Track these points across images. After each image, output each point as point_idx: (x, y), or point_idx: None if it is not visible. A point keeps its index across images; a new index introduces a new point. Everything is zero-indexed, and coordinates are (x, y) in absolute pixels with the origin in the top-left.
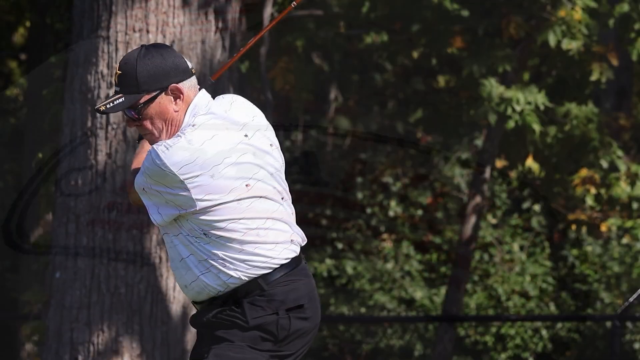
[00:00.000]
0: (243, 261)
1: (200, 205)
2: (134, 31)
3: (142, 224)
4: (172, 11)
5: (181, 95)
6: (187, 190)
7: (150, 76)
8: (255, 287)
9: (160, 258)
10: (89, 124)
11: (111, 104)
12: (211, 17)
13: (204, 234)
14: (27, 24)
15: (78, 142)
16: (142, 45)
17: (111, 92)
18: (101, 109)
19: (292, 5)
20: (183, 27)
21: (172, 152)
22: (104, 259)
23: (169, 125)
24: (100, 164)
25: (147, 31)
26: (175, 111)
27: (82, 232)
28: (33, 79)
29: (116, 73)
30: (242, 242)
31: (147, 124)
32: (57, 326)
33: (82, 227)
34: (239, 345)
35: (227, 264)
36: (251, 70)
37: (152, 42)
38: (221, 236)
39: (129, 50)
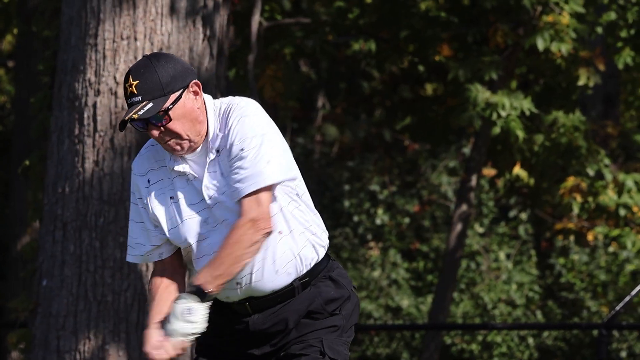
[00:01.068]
0: (320, 227)
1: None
2: (122, 39)
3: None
4: (160, 19)
5: (199, 92)
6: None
7: (172, 77)
8: (328, 262)
9: (147, 266)
10: (77, 131)
11: (141, 111)
12: (199, 24)
13: (297, 194)
14: (15, 31)
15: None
16: (145, 56)
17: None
18: (134, 117)
19: None
20: (171, 35)
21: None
22: (91, 266)
23: (196, 123)
24: (87, 172)
25: (135, 39)
26: (198, 108)
27: (69, 239)
28: (20, 86)
29: (131, 85)
30: (311, 208)
31: (176, 125)
32: (43, 334)
33: (69, 234)
34: (344, 336)
35: (317, 230)
36: (239, 77)
37: (139, 49)
38: (305, 200)
39: (117, 58)
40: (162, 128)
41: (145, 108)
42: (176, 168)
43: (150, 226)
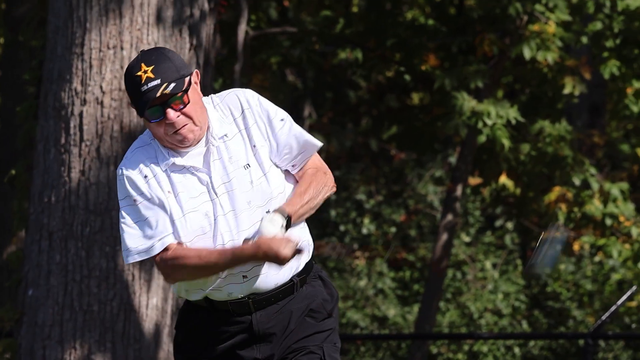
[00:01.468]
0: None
1: None
2: (108, 48)
3: (115, 240)
4: (147, 28)
5: (198, 82)
6: None
7: (181, 62)
8: (313, 262)
9: (133, 275)
10: (63, 140)
11: (169, 89)
12: (185, 34)
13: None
14: (1, 40)
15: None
16: (145, 50)
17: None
18: (158, 94)
19: None
20: (157, 44)
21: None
22: (77, 276)
23: (203, 110)
24: (73, 181)
25: (122, 48)
26: (200, 97)
27: (55, 249)
28: (6, 96)
29: (145, 71)
30: None
31: (191, 109)
32: (29, 344)
33: (55, 244)
34: (337, 342)
35: (307, 228)
36: (225, 87)
37: (126, 59)
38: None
39: (103, 68)
40: (181, 111)
41: (170, 87)
42: (178, 162)
43: (161, 212)
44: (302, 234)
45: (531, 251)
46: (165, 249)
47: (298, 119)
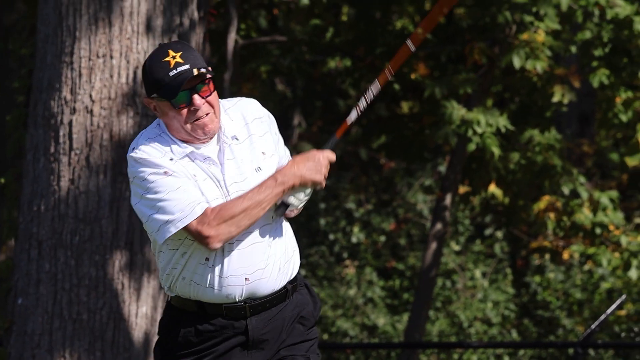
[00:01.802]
0: None
1: None
2: (98, 57)
3: (104, 249)
4: (136, 37)
5: None
6: None
7: (201, 54)
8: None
9: (123, 284)
10: (52, 149)
11: (199, 73)
12: None
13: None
14: None
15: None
16: (161, 43)
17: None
18: (189, 78)
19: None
20: (147, 53)
21: None
22: (66, 285)
23: (219, 105)
24: (62, 190)
25: (111, 57)
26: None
27: (45, 257)
28: None
29: (174, 57)
30: None
31: (214, 99)
32: (19, 352)
33: (45, 253)
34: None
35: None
36: None
37: (115, 68)
38: None
39: (93, 76)
40: (206, 99)
41: (200, 72)
42: (197, 151)
43: (191, 182)
44: (289, 244)
45: (521, 260)
46: (204, 213)
47: (288, 127)
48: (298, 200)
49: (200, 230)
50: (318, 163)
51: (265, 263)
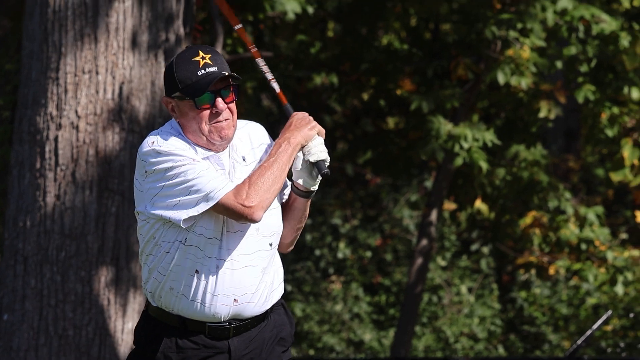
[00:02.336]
0: None
1: None
2: (83, 72)
3: (90, 264)
4: (122, 53)
5: None
6: None
7: None
8: None
9: (109, 300)
10: (38, 165)
11: (231, 74)
12: (161, 58)
13: None
14: None
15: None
16: (188, 46)
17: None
18: (216, 80)
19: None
20: (133, 69)
21: None
22: (52, 300)
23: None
24: (48, 206)
25: (97, 72)
26: None
27: (30, 273)
28: None
29: (203, 57)
30: None
31: (235, 107)
32: None
33: (30, 268)
34: None
35: None
36: None
37: (101, 83)
38: None
39: (78, 92)
40: (228, 105)
41: (231, 74)
42: (221, 154)
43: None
44: (278, 274)
45: (507, 275)
46: (237, 187)
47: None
48: (320, 152)
49: (241, 202)
50: (301, 119)
51: (256, 288)
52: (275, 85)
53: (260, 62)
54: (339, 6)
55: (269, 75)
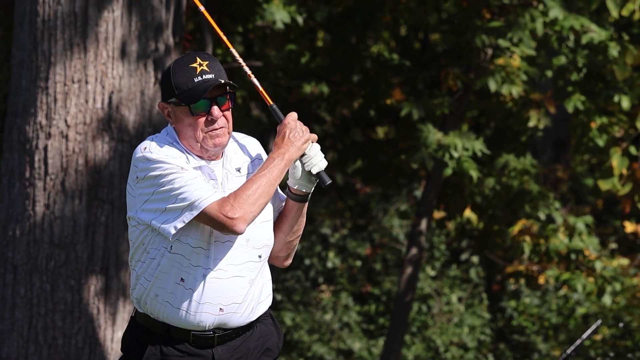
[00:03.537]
0: None
1: None
2: (73, 82)
3: (79, 274)
4: (111, 62)
5: None
6: None
7: None
8: None
9: (98, 309)
10: (27, 174)
11: (227, 82)
12: (150, 68)
13: None
14: None
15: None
16: (188, 52)
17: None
18: (212, 87)
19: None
20: (122, 78)
21: None
22: (42, 310)
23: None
24: (38, 215)
25: (86, 82)
26: None
27: (20, 282)
28: None
29: (201, 64)
30: None
31: (230, 116)
32: None
33: (20, 277)
34: None
35: None
36: None
37: (90, 93)
38: None
39: (68, 101)
40: (223, 113)
41: (227, 82)
42: (212, 165)
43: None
44: (266, 287)
45: (497, 285)
46: (223, 198)
47: None
48: (321, 161)
49: (224, 213)
50: (293, 129)
51: (243, 298)
52: (255, 80)
53: (235, 54)
54: (328, 16)
55: (248, 70)
